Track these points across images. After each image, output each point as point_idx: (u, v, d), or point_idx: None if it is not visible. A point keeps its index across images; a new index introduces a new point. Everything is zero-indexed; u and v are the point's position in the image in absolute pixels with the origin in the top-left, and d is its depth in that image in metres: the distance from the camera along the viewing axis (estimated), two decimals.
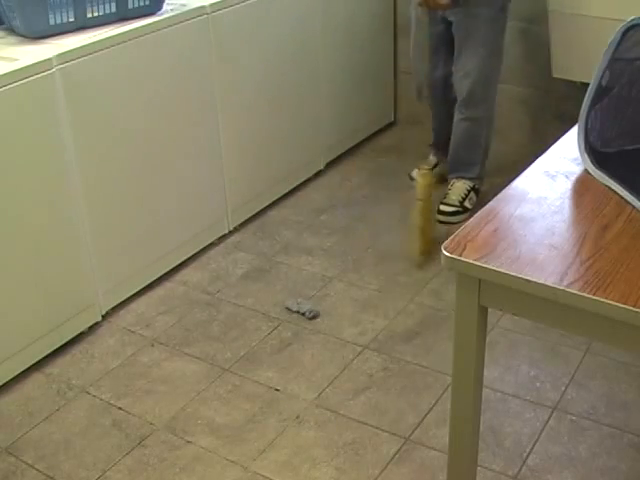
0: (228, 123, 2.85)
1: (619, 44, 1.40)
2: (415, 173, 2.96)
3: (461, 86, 2.98)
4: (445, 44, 3.01)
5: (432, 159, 3.33)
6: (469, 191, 3.10)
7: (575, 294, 1.17)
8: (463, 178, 3.12)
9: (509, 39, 3.40)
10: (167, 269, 2.74)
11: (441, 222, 3.00)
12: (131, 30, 2.40)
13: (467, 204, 3.07)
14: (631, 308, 1.13)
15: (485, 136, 3.10)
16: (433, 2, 2.81)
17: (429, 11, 2.89)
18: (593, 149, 1.49)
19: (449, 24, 2.96)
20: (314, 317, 2.51)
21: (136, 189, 2.54)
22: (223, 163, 2.88)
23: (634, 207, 1.37)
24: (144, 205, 2.59)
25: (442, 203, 3.05)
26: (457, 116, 3.05)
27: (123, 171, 2.48)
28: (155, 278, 2.71)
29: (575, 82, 3.16)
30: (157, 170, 2.61)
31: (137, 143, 2.51)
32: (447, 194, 3.08)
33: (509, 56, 3.44)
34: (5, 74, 2.06)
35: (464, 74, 2.95)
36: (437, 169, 3.24)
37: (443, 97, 3.15)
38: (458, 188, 3.09)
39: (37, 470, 2.00)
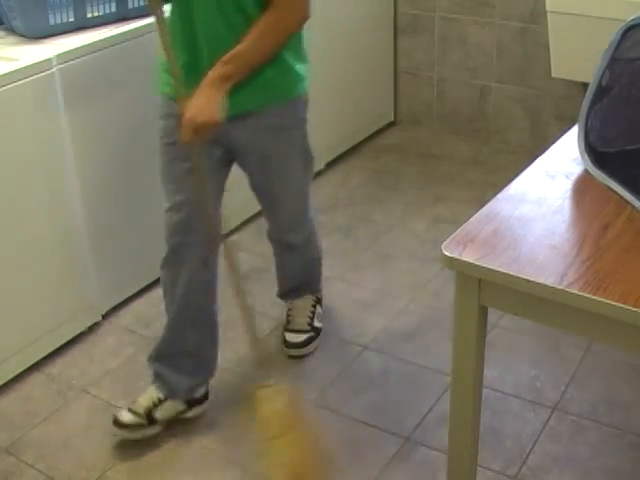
0: None
1: (619, 44, 1.40)
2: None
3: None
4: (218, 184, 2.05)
5: (153, 393, 2.06)
6: (314, 306, 2.42)
7: (575, 294, 1.17)
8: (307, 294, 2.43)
9: (509, 39, 3.41)
10: None
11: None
12: (131, 30, 2.40)
13: (317, 323, 2.41)
14: (631, 308, 1.13)
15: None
16: (200, 132, 1.78)
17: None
18: (593, 149, 1.49)
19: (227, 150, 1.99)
20: None
21: (135, 189, 2.54)
22: None
23: (634, 207, 1.37)
24: (144, 205, 2.58)
25: (287, 331, 2.37)
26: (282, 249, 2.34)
27: (122, 171, 2.48)
28: (155, 278, 2.70)
29: (575, 82, 3.16)
30: (157, 170, 2.61)
31: (136, 143, 2.50)
32: (289, 319, 2.39)
33: (509, 56, 3.45)
34: (5, 74, 2.07)
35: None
36: (163, 411, 2.05)
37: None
38: (302, 307, 2.40)
39: (37, 470, 2.00)
